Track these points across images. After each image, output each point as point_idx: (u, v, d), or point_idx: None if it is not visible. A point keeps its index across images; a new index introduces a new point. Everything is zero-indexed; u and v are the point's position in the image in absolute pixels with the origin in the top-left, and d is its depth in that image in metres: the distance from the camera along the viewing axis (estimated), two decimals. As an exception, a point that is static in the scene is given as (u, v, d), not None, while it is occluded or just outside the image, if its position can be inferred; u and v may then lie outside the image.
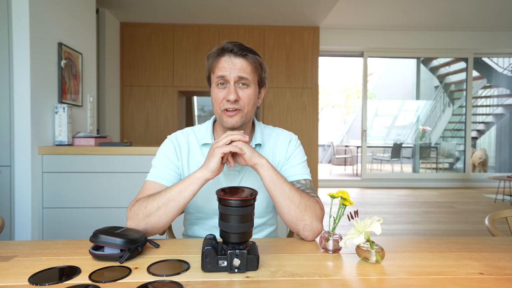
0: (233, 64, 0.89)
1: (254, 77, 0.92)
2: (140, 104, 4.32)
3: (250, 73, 0.91)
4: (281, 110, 4.46)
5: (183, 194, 0.82)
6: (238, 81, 0.90)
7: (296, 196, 0.86)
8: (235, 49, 0.89)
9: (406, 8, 4.39)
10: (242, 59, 0.90)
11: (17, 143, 1.93)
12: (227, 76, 0.89)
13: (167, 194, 0.82)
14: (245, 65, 0.90)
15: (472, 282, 0.63)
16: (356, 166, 8.10)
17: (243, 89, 0.91)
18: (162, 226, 0.84)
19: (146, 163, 2.04)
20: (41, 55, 2.04)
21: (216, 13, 4.00)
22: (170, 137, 1.01)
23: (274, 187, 0.85)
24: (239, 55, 0.89)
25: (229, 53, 0.90)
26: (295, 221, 0.86)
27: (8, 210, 1.93)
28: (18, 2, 1.90)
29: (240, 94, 0.90)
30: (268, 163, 0.86)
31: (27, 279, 0.62)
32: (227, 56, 0.90)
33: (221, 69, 0.90)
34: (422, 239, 0.90)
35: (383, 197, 4.78)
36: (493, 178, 4.43)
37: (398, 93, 9.31)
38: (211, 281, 0.62)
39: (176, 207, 0.82)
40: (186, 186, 0.82)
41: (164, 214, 0.82)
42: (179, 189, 0.82)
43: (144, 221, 0.82)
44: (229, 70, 0.89)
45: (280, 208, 0.86)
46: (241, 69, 0.89)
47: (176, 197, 0.81)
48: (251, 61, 0.91)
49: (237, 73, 0.89)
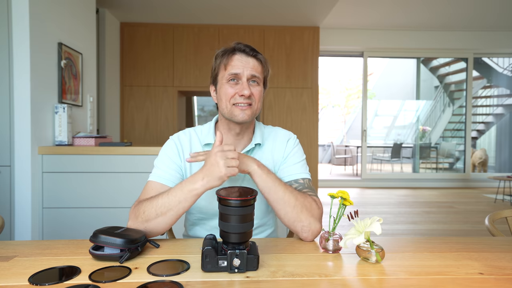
0: (246, 62, 0.93)
1: (262, 77, 0.97)
2: (140, 104, 4.32)
3: (260, 73, 0.96)
4: (281, 110, 4.46)
5: (183, 204, 0.80)
6: (250, 79, 0.93)
7: (291, 198, 0.86)
8: (247, 49, 0.94)
9: (406, 8, 4.39)
10: (254, 59, 0.94)
11: (17, 143, 1.93)
12: (241, 73, 0.92)
13: (165, 202, 0.80)
14: (257, 64, 0.95)
15: (472, 282, 0.63)
16: (356, 166, 8.10)
17: (254, 86, 0.95)
18: (161, 231, 0.84)
19: (146, 163, 2.04)
20: (41, 55, 2.04)
21: (216, 13, 4.00)
22: (172, 137, 1.02)
23: (268, 192, 0.86)
24: (251, 55, 0.94)
25: (241, 52, 0.94)
26: (293, 222, 0.86)
27: (8, 210, 1.93)
28: (18, 2, 1.90)
29: (252, 90, 0.94)
30: (259, 169, 0.86)
31: (27, 279, 0.62)
32: (240, 55, 0.94)
33: (234, 66, 0.93)
34: (422, 239, 0.90)
35: (383, 197, 4.78)
36: (493, 178, 4.44)
37: (398, 93, 9.31)
38: (211, 281, 0.62)
39: (174, 215, 0.82)
40: (186, 197, 0.80)
41: (162, 222, 0.82)
42: (178, 199, 0.80)
43: (143, 225, 0.83)
44: (242, 68, 0.92)
45: (277, 211, 0.87)
46: (254, 67, 0.94)
47: (175, 207, 0.80)
48: (262, 61, 0.97)
49: (250, 71, 0.93)
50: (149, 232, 0.83)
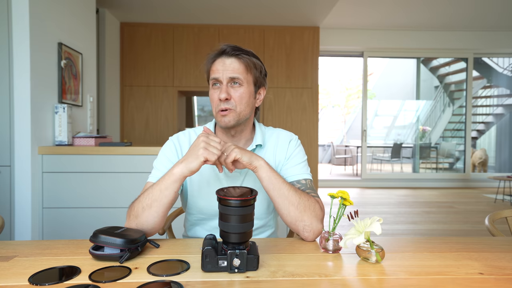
0: (225, 65, 0.91)
1: (247, 76, 0.93)
2: (140, 104, 4.32)
3: (242, 73, 0.92)
4: (281, 110, 4.46)
5: (165, 193, 0.80)
6: (230, 81, 0.92)
7: (295, 197, 0.86)
8: (227, 49, 0.92)
9: (406, 8, 4.39)
10: (234, 59, 0.92)
11: (17, 143, 1.93)
12: (220, 77, 0.91)
13: (149, 194, 0.81)
14: (237, 65, 0.91)
15: (472, 282, 0.63)
16: (356, 166, 8.10)
17: (235, 88, 0.92)
18: (151, 226, 0.82)
19: (146, 163, 2.04)
20: (41, 55, 2.04)
21: (216, 13, 4.00)
22: (172, 138, 1.02)
23: (272, 188, 0.85)
24: (231, 55, 0.91)
25: (222, 54, 0.92)
26: (295, 221, 0.86)
27: (8, 210, 1.93)
28: (18, 2, 1.90)
29: (232, 93, 0.92)
30: (266, 165, 0.86)
31: (27, 279, 0.62)
32: (220, 58, 0.92)
33: (215, 71, 0.92)
34: (422, 239, 0.90)
35: (383, 197, 4.78)
36: (493, 178, 4.44)
37: (398, 93, 9.31)
38: (211, 281, 0.62)
39: (160, 206, 0.81)
40: (166, 185, 0.80)
41: (150, 215, 0.81)
42: (159, 188, 0.80)
43: (134, 222, 0.82)
44: (221, 72, 0.91)
45: (280, 209, 0.87)
46: (233, 69, 0.91)
47: (159, 197, 0.80)
48: (244, 60, 0.92)
49: (229, 74, 0.91)
50: (141, 228, 0.82)
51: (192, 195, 0.98)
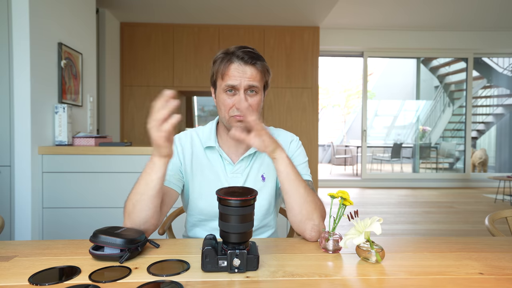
0: (243, 72, 0.89)
1: (261, 83, 0.93)
2: (140, 104, 4.32)
3: (259, 81, 0.91)
4: (281, 110, 4.46)
5: (150, 185, 0.79)
6: (248, 89, 0.90)
7: (310, 195, 0.85)
8: (245, 58, 0.89)
9: (406, 8, 4.39)
10: (252, 67, 0.89)
11: (17, 143, 1.93)
12: (238, 85, 0.89)
13: (136, 189, 0.80)
14: (255, 73, 0.90)
15: (472, 282, 0.63)
16: (356, 166, 8.09)
17: (252, 96, 0.91)
18: (143, 220, 0.81)
19: (146, 163, 2.03)
20: (41, 55, 2.04)
21: (216, 13, 4.00)
22: (173, 138, 1.01)
23: (289, 179, 0.84)
24: (249, 64, 0.89)
25: (239, 60, 0.89)
26: (305, 220, 0.84)
27: (8, 210, 1.93)
28: (18, 2, 1.89)
29: (249, 101, 0.90)
30: (287, 159, 0.85)
31: (27, 279, 0.62)
32: (237, 64, 0.89)
33: (231, 77, 0.89)
34: (422, 239, 0.90)
35: (383, 197, 4.78)
36: (493, 178, 4.44)
37: (398, 93, 9.31)
38: (211, 281, 0.62)
39: (148, 200, 0.79)
40: (151, 177, 0.79)
41: (140, 210, 0.80)
42: (145, 181, 0.79)
43: (128, 221, 0.82)
44: (239, 79, 0.88)
45: (291, 205, 0.85)
46: (251, 77, 0.89)
47: (144, 189, 0.79)
48: (260, 68, 0.91)
49: (248, 82, 0.89)
50: (135, 226, 0.81)
51: (193, 196, 0.98)
